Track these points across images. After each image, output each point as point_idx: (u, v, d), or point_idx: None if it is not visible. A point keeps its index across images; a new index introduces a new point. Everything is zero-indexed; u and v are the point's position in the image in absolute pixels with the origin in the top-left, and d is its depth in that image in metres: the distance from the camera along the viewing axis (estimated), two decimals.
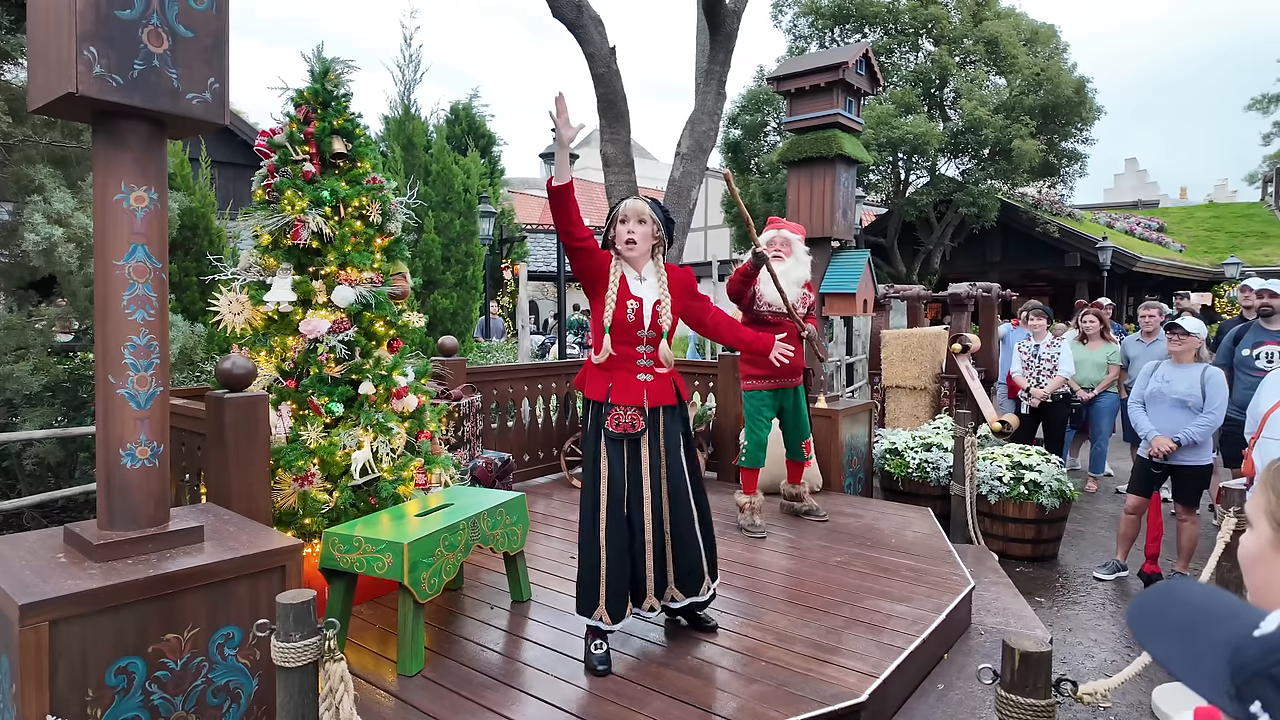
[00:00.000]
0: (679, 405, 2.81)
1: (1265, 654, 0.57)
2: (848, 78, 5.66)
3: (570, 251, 2.62)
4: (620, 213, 2.70)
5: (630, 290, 2.65)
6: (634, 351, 2.66)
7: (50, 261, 4.31)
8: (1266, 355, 4.75)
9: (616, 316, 2.61)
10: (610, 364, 2.66)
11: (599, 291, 2.65)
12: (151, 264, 2.05)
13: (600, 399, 2.66)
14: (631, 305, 2.63)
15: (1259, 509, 0.96)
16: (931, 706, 2.76)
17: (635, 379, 2.67)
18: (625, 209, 2.70)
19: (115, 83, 1.86)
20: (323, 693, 1.67)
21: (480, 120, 14.39)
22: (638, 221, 2.68)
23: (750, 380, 4.26)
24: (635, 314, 2.63)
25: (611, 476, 2.63)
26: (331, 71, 3.21)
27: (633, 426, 2.64)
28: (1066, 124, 15.24)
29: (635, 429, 2.65)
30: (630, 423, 2.64)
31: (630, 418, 2.64)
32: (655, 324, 2.67)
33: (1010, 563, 4.87)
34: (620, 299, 2.62)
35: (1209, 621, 0.66)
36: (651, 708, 2.39)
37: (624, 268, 2.69)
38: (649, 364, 2.68)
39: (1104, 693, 1.68)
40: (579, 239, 2.58)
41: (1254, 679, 0.57)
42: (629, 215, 2.68)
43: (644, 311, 2.65)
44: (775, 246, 4.18)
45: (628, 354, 2.66)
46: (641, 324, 2.64)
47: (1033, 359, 6.40)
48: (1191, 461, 4.26)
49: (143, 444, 2.06)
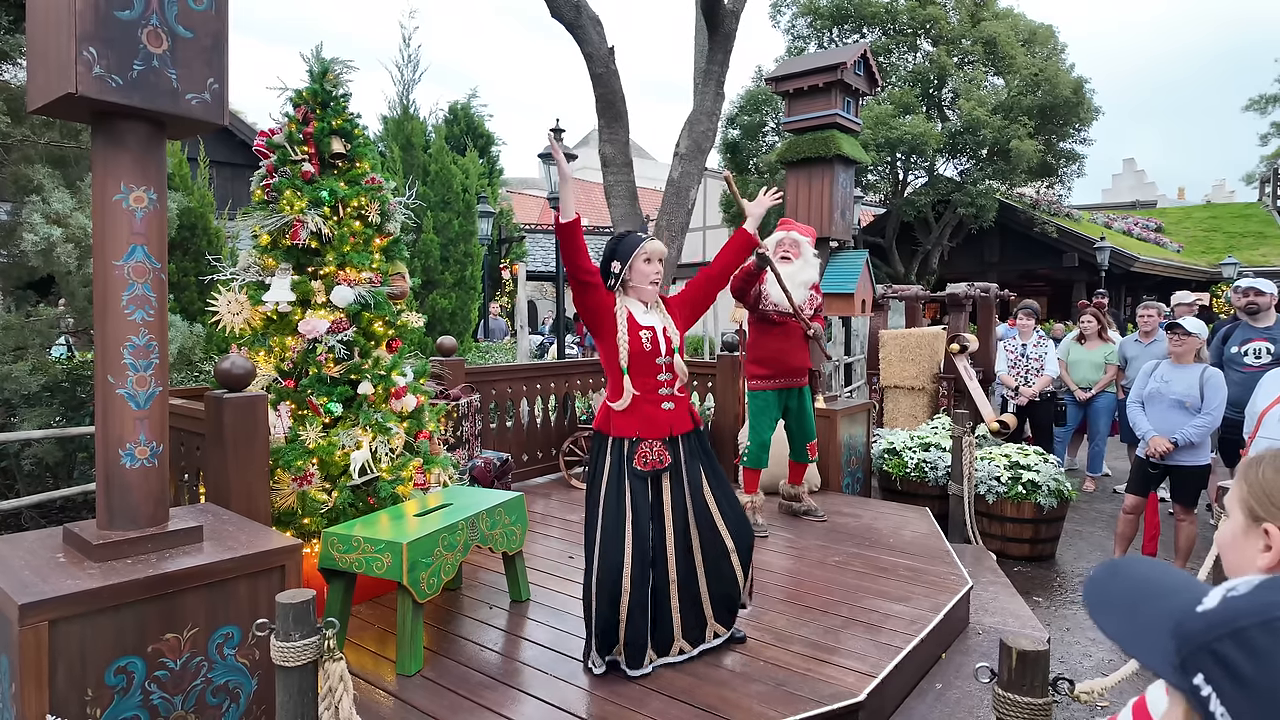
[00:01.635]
0: (697, 430, 2.79)
1: (1208, 628, 0.59)
2: (846, 78, 5.66)
3: (579, 287, 2.60)
4: (646, 252, 2.70)
5: (640, 322, 2.67)
6: (655, 381, 2.66)
7: (49, 261, 4.31)
8: (1254, 351, 4.77)
9: (633, 349, 2.62)
10: (634, 400, 2.63)
11: (607, 330, 2.65)
12: (151, 264, 2.05)
13: (631, 435, 2.62)
14: (645, 335, 2.64)
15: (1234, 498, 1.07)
16: (930, 706, 2.77)
17: (660, 409, 2.66)
18: (651, 250, 2.71)
19: (114, 83, 1.87)
20: (322, 692, 1.67)
21: (479, 120, 14.39)
22: (659, 260, 2.73)
23: (756, 380, 4.26)
24: (651, 342, 2.65)
25: (637, 518, 2.57)
26: (330, 72, 3.21)
27: (660, 462, 2.62)
28: (1064, 124, 15.25)
29: (663, 464, 2.63)
30: (658, 459, 2.62)
31: (657, 453, 2.62)
32: (669, 348, 2.69)
33: (1008, 562, 4.88)
34: (633, 332, 2.63)
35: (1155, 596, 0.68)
36: (650, 707, 2.39)
37: (629, 303, 2.70)
38: (669, 391, 2.68)
39: (1101, 691, 1.68)
40: (588, 273, 2.58)
41: (1197, 653, 0.59)
42: (654, 256, 2.71)
43: (658, 339, 2.67)
44: (784, 248, 4.19)
45: (649, 385, 2.65)
46: (658, 350, 2.66)
47: (1020, 358, 6.42)
48: (1189, 462, 4.27)
49: (142, 444, 2.06)
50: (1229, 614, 0.59)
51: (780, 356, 4.21)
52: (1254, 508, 1.04)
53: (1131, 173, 33.73)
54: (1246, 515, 1.05)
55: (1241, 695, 0.55)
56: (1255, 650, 0.55)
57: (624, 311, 2.66)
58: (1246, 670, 0.55)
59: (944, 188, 15.08)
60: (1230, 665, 0.56)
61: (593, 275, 2.60)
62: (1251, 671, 0.55)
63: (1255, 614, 0.57)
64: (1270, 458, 1.08)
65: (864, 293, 5.78)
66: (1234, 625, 0.58)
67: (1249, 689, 0.54)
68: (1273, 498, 1.03)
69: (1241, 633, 0.57)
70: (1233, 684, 0.55)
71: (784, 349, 4.21)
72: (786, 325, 4.20)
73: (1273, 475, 1.05)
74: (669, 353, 2.68)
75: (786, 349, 4.22)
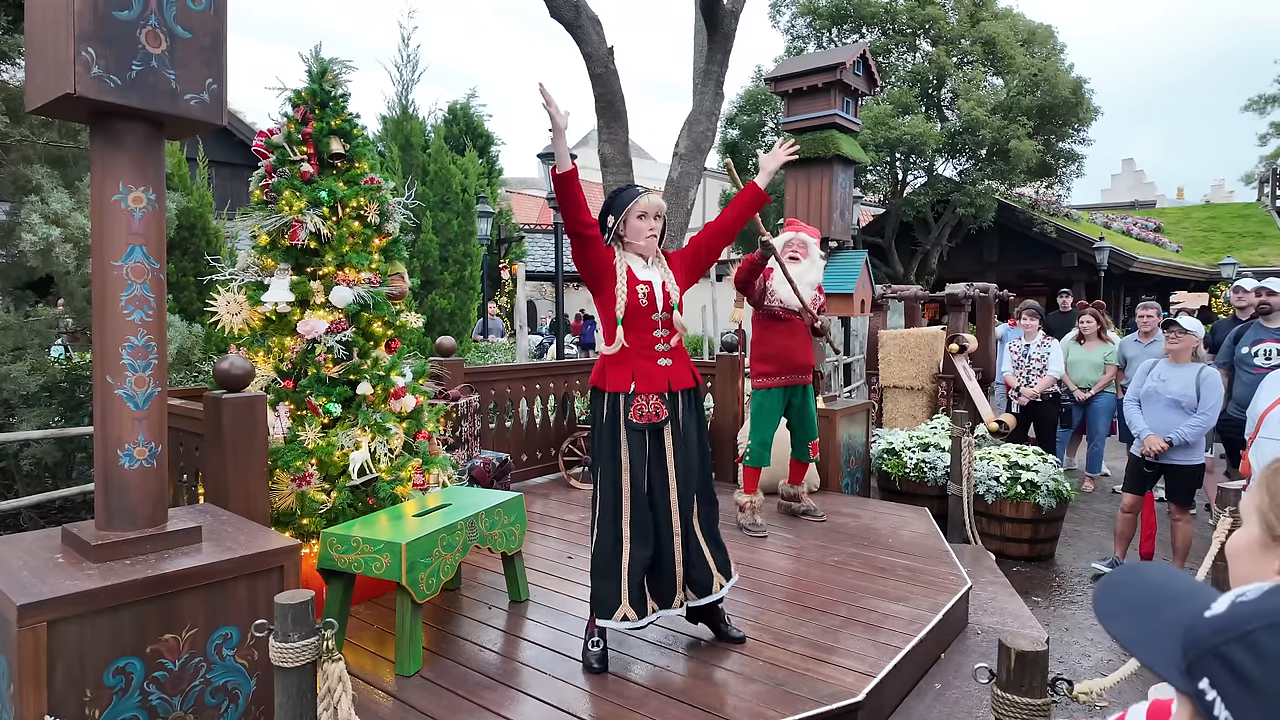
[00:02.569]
0: (696, 388, 2.77)
1: (1215, 633, 0.59)
2: (845, 78, 5.66)
3: (577, 240, 2.55)
4: (640, 207, 2.65)
5: (638, 276, 2.64)
6: (651, 337, 2.64)
7: (48, 262, 4.31)
8: (1265, 353, 4.77)
9: (630, 303, 2.59)
10: (627, 354, 2.62)
11: (606, 283, 2.61)
12: (149, 264, 2.05)
13: (625, 389, 2.61)
14: (642, 290, 2.61)
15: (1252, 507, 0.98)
16: (928, 706, 2.77)
17: (656, 365, 2.64)
18: (646, 204, 2.65)
19: (113, 83, 1.86)
20: (321, 693, 1.67)
21: (478, 120, 14.40)
22: (655, 218, 2.68)
23: (761, 377, 4.25)
24: (648, 297, 2.62)
25: (634, 470, 2.58)
26: (329, 72, 3.21)
27: (656, 415, 2.61)
28: (1064, 124, 15.27)
29: (659, 417, 2.61)
30: (654, 411, 2.61)
31: (654, 406, 2.61)
32: (667, 304, 2.66)
33: (1007, 562, 4.88)
34: (630, 286, 2.60)
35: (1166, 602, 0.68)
36: (649, 707, 2.39)
37: (629, 258, 2.67)
38: (667, 347, 2.67)
39: (1100, 691, 1.68)
40: (586, 225, 2.53)
41: (1203, 657, 0.59)
42: (649, 211, 2.66)
43: (655, 294, 2.64)
44: (793, 248, 4.21)
45: (645, 340, 2.63)
46: (655, 307, 2.63)
47: (1023, 358, 6.43)
48: (1183, 461, 4.27)
49: (140, 444, 2.06)
50: (1237, 618, 0.59)
51: (786, 353, 4.21)
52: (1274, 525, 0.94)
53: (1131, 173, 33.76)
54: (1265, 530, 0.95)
55: (1247, 699, 0.54)
56: (1262, 653, 0.55)
57: (623, 265, 2.63)
58: (1253, 673, 0.55)
59: (943, 188, 15.09)
60: (1236, 669, 0.56)
61: (591, 228, 2.56)
62: (1258, 675, 0.54)
63: (1263, 617, 0.57)
64: None
65: (863, 293, 5.78)
66: (1242, 629, 0.57)
67: (1255, 692, 0.54)
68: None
69: (1249, 636, 0.57)
70: (1238, 687, 0.55)
71: (789, 345, 4.22)
72: (791, 322, 4.22)
73: None
74: (667, 308, 2.66)
75: (792, 345, 4.23)
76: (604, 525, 2.63)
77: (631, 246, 2.68)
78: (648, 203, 2.66)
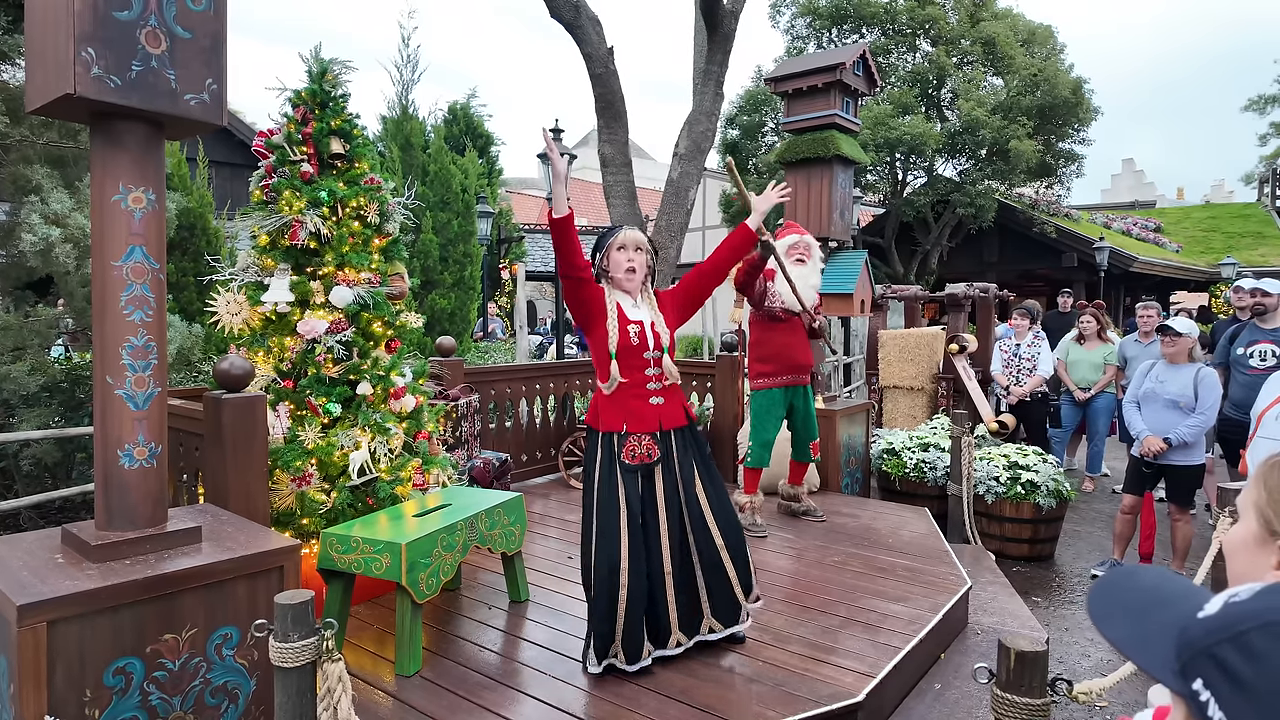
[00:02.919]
0: (689, 426, 2.78)
1: (1207, 634, 0.59)
2: (845, 78, 5.66)
3: (571, 283, 2.61)
4: (619, 240, 2.71)
5: (628, 316, 2.67)
6: (643, 375, 2.66)
7: (47, 262, 4.31)
8: (1260, 354, 4.77)
9: (621, 343, 2.62)
10: (621, 393, 2.64)
11: (597, 322, 2.65)
12: (149, 264, 2.05)
13: (618, 429, 2.63)
14: (634, 329, 2.64)
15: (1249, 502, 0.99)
16: (928, 706, 2.77)
17: (648, 404, 2.66)
18: (625, 238, 2.71)
19: (113, 84, 1.87)
20: (320, 693, 1.67)
21: (478, 120, 14.40)
22: (636, 249, 2.71)
23: (761, 378, 4.25)
24: (639, 336, 2.64)
25: (631, 511, 2.58)
26: (329, 72, 3.21)
27: (649, 456, 2.62)
28: (1064, 124, 15.26)
29: (651, 458, 2.63)
30: (646, 453, 2.62)
31: (646, 447, 2.62)
32: (658, 344, 2.68)
33: (1007, 562, 4.88)
34: (621, 325, 2.63)
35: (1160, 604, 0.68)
36: (648, 707, 2.39)
37: (618, 296, 2.70)
38: (659, 385, 2.68)
39: (1099, 692, 1.68)
40: (579, 269, 2.59)
41: (1196, 657, 0.59)
42: (628, 244, 2.71)
43: (646, 333, 2.66)
44: (799, 250, 4.23)
45: (637, 379, 2.65)
46: (646, 345, 2.65)
47: (1013, 357, 6.44)
48: (1182, 461, 4.27)
49: (140, 444, 2.06)
50: (1229, 619, 0.59)
51: (787, 353, 4.22)
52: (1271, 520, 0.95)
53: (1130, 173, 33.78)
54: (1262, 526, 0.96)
55: (1240, 699, 0.55)
56: (1254, 653, 0.55)
57: (613, 303, 2.66)
58: (1245, 674, 0.55)
59: (943, 188, 15.08)
60: (1229, 669, 0.56)
61: (585, 270, 2.61)
62: (1250, 675, 0.55)
63: (1255, 617, 0.57)
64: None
65: (863, 293, 5.77)
66: (1234, 629, 0.58)
67: (1247, 692, 0.54)
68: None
69: (1241, 636, 0.57)
70: (1231, 688, 0.55)
71: (790, 344, 4.23)
72: (792, 322, 4.22)
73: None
74: (658, 348, 2.67)
75: (793, 344, 4.24)
76: (598, 567, 2.57)
77: (616, 282, 2.71)
78: (625, 236, 2.72)
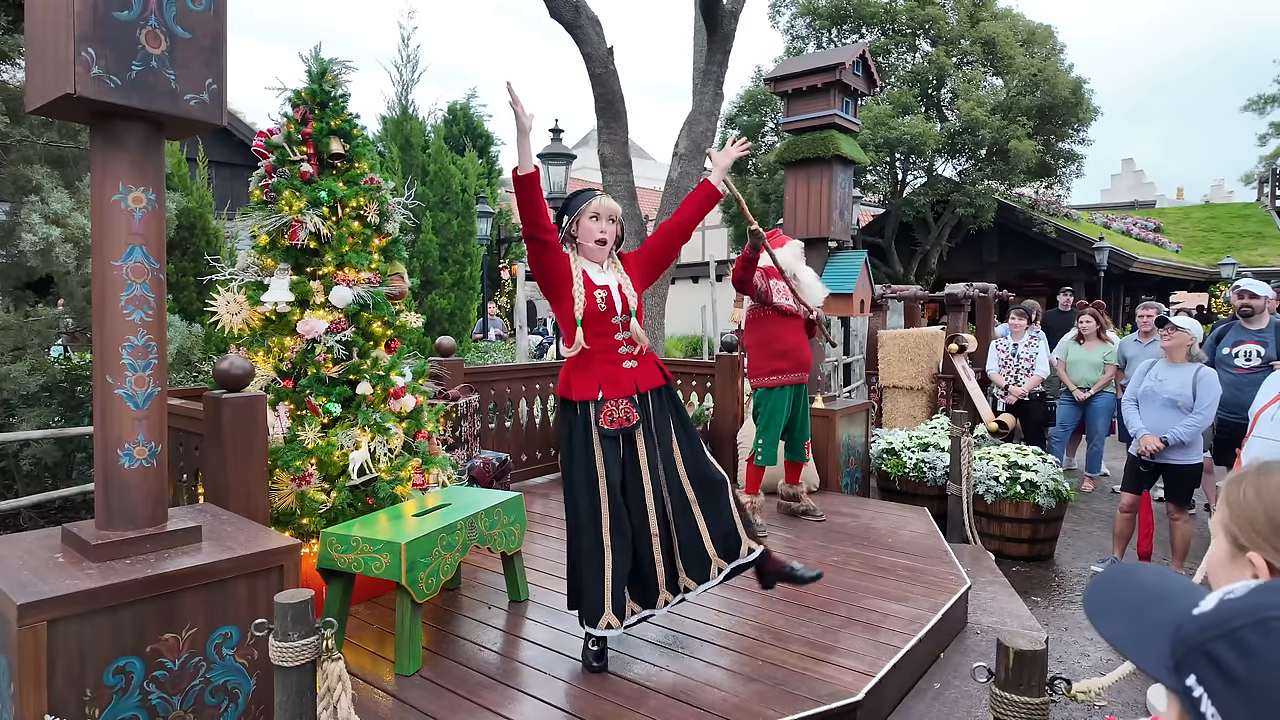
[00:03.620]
0: (666, 385, 2.74)
1: (1201, 630, 0.60)
2: (845, 78, 5.66)
3: (536, 245, 2.53)
4: (592, 208, 2.64)
5: (594, 281, 2.61)
6: (613, 341, 2.61)
7: (47, 262, 4.31)
8: (1245, 354, 4.79)
9: (588, 309, 2.56)
10: (590, 359, 2.60)
11: (563, 289, 2.59)
12: (149, 264, 2.06)
13: (593, 396, 2.59)
14: (600, 295, 2.59)
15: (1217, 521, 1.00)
16: (928, 705, 2.77)
17: (621, 368, 2.62)
18: (599, 206, 2.64)
19: (113, 84, 1.87)
20: (320, 692, 1.67)
21: (478, 120, 14.39)
22: (609, 220, 2.66)
23: (774, 375, 4.22)
24: (606, 301, 2.59)
25: (609, 477, 2.56)
26: (329, 72, 3.21)
27: (627, 420, 2.59)
28: (1063, 124, 15.27)
29: (630, 422, 2.59)
30: (624, 416, 2.59)
31: (624, 411, 2.59)
32: (625, 307, 2.63)
33: (1006, 562, 4.89)
34: (588, 291, 2.58)
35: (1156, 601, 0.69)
36: (648, 706, 2.39)
37: (583, 263, 2.65)
38: (629, 350, 2.64)
39: (1098, 691, 1.68)
40: (545, 230, 2.51)
41: (1190, 654, 0.60)
42: (602, 213, 2.64)
43: (613, 298, 2.61)
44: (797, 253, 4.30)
45: (607, 345, 2.61)
46: (614, 310, 2.60)
47: (1010, 357, 6.44)
48: (1180, 460, 4.28)
49: (140, 444, 2.06)
50: (1223, 616, 0.60)
51: (799, 351, 4.25)
52: (1236, 535, 0.96)
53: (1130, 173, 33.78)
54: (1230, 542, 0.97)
55: (1233, 695, 0.55)
56: (1247, 650, 0.55)
57: (579, 270, 2.61)
58: (1238, 670, 0.55)
59: (943, 188, 15.09)
60: (1222, 665, 0.56)
61: (550, 232, 2.53)
62: (1243, 671, 0.55)
63: (1249, 614, 0.58)
64: (1252, 476, 0.98)
65: (863, 293, 5.77)
66: (1228, 626, 0.58)
67: (1240, 688, 0.55)
68: (1255, 524, 0.94)
69: (1235, 633, 0.57)
70: (1224, 684, 0.56)
71: (800, 343, 4.27)
72: (797, 319, 4.25)
73: (1254, 498, 0.95)
74: (625, 311, 2.62)
75: (802, 343, 4.28)
76: (583, 533, 2.58)
77: (584, 250, 2.66)
78: (599, 204, 2.65)
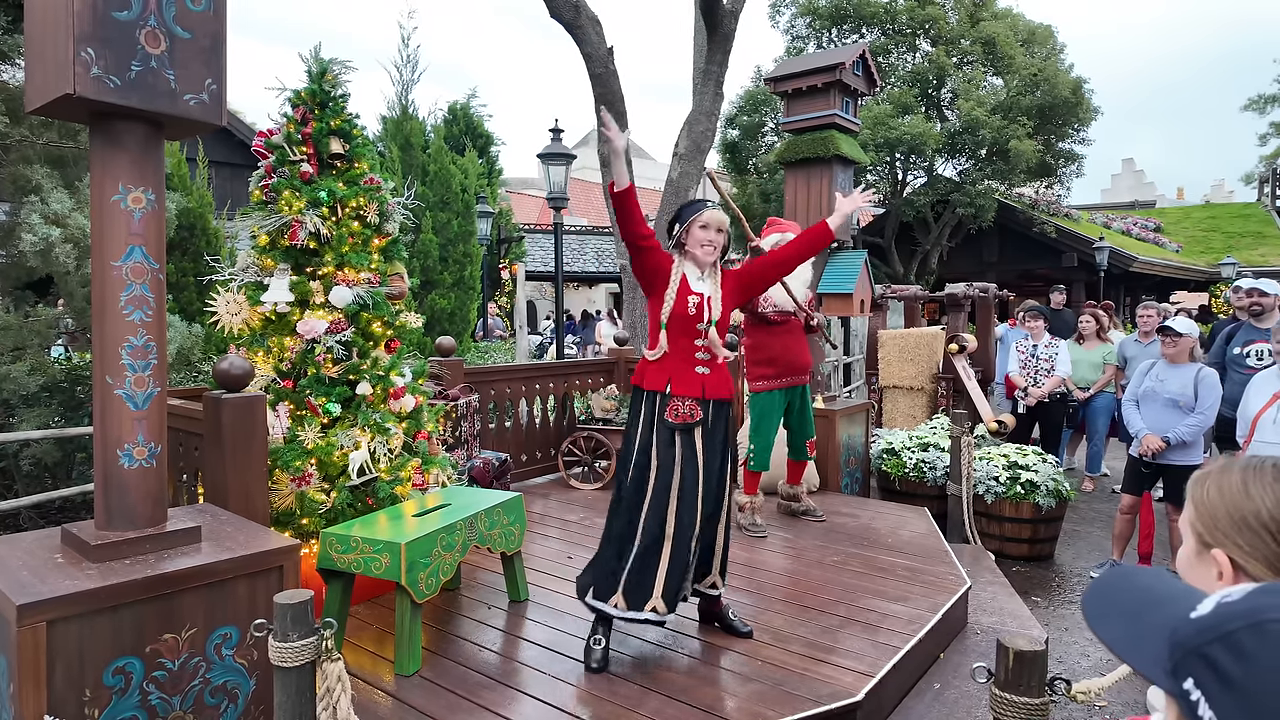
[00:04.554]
0: (729, 403, 2.87)
1: (1198, 633, 0.60)
2: (845, 78, 5.66)
3: (636, 251, 2.73)
4: (703, 219, 2.79)
5: (691, 286, 2.76)
6: (692, 345, 2.76)
7: (47, 262, 4.31)
8: (1256, 353, 4.78)
9: (676, 310, 2.72)
10: (667, 359, 2.75)
11: (659, 287, 2.76)
12: (149, 264, 2.06)
13: (660, 389, 2.73)
14: (693, 300, 2.74)
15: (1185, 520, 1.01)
16: (927, 705, 2.77)
17: (694, 371, 2.75)
18: (709, 217, 2.80)
19: (113, 84, 1.87)
20: (320, 692, 1.68)
21: (478, 120, 14.40)
22: (717, 231, 2.80)
23: (761, 381, 4.25)
24: (696, 308, 2.74)
25: (661, 468, 2.68)
26: (329, 72, 3.21)
27: (691, 416, 2.71)
28: (1064, 124, 15.26)
29: (694, 418, 2.71)
30: (689, 412, 2.71)
31: (689, 407, 2.71)
32: (710, 317, 2.78)
33: (1007, 562, 4.89)
34: (681, 294, 2.73)
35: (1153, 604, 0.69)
36: (648, 707, 2.39)
37: (686, 266, 2.80)
38: (706, 356, 2.77)
39: (1098, 691, 1.68)
40: (643, 238, 2.70)
41: (1187, 657, 0.60)
42: (711, 224, 2.79)
43: (704, 306, 2.75)
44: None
45: (686, 346, 2.75)
46: (701, 317, 2.74)
47: (1030, 358, 6.43)
48: (1181, 461, 4.27)
49: (140, 444, 2.06)
50: (1220, 619, 0.60)
51: (786, 355, 4.23)
52: (1202, 533, 0.97)
53: (1130, 173, 33.80)
54: (1197, 540, 0.98)
55: (1229, 698, 0.55)
56: (1243, 653, 0.55)
57: (679, 273, 2.78)
58: (1235, 673, 0.55)
59: (943, 188, 15.08)
60: (1219, 668, 0.56)
61: (648, 239, 2.72)
62: (1240, 674, 0.55)
63: (1245, 617, 0.58)
64: (1215, 475, 0.98)
65: (863, 293, 5.78)
66: (1224, 629, 0.58)
67: (1236, 691, 0.55)
68: (1218, 522, 0.95)
69: (1231, 636, 0.57)
70: (1221, 687, 0.56)
71: (789, 346, 4.24)
72: (788, 323, 4.23)
73: (1216, 496, 0.96)
74: (708, 320, 2.77)
75: (792, 346, 4.25)
76: (623, 514, 2.71)
77: (690, 255, 2.80)
78: (709, 215, 2.81)
